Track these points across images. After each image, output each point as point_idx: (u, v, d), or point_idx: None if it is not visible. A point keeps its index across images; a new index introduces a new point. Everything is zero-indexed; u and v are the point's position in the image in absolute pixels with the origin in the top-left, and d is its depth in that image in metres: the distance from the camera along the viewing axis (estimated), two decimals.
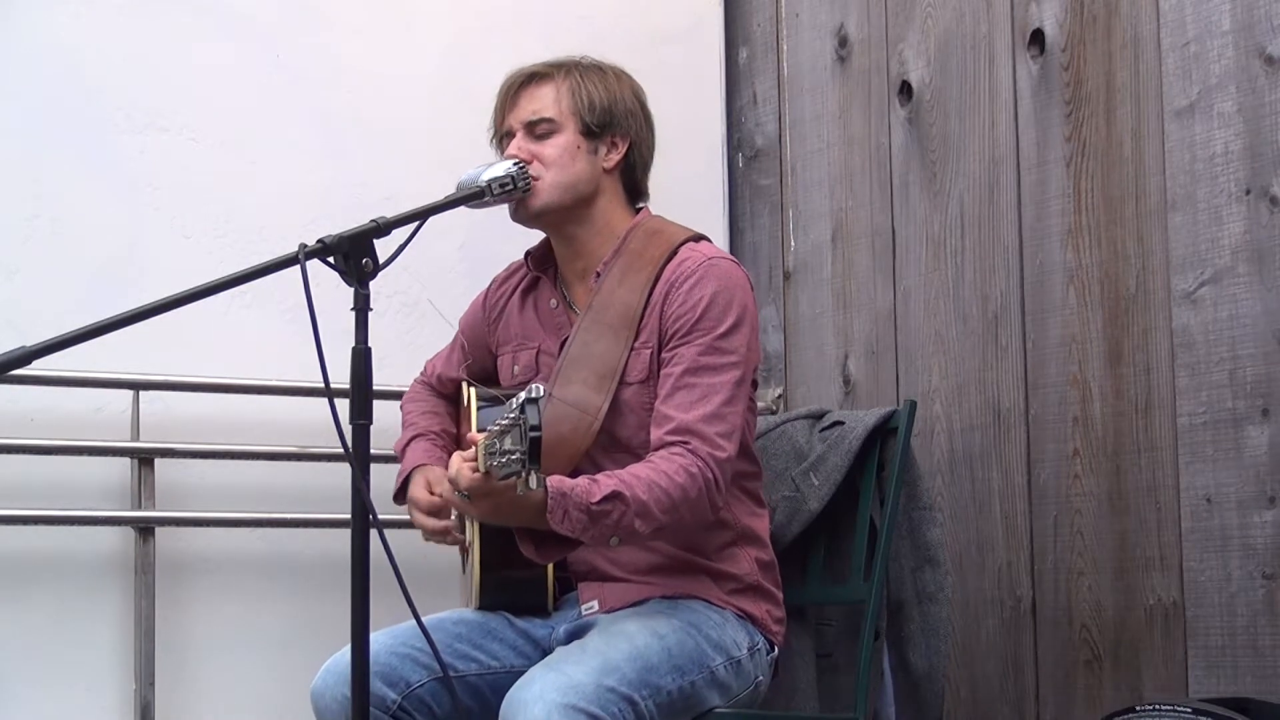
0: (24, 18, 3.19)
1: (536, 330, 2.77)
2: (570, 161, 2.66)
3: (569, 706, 2.29)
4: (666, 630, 2.51)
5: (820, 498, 2.95)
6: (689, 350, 2.56)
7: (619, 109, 2.71)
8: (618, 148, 2.71)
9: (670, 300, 2.61)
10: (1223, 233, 2.92)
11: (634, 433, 2.59)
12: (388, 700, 2.51)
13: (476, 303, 2.93)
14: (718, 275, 2.61)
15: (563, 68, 2.71)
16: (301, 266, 2.12)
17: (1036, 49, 3.25)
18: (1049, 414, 3.18)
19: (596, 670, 2.37)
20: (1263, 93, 2.87)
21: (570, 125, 2.67)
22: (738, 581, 2.65)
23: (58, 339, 2.02)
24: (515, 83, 2.71)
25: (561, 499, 2.35)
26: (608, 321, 2.63)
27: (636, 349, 2.61)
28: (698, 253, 2.65)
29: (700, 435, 2.50)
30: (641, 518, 2.41)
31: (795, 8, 3.81)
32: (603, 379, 2.59)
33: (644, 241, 2.69)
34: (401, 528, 3.18)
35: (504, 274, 2.90)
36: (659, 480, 2.44)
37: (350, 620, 2.14)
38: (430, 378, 2.97)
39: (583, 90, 2.68)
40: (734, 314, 2.59)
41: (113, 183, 3.24)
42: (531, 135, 2.67)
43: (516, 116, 2.69)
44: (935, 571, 2.96)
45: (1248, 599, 2.85)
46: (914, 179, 3.49)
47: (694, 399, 2.53)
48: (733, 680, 2.57)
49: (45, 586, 3.11)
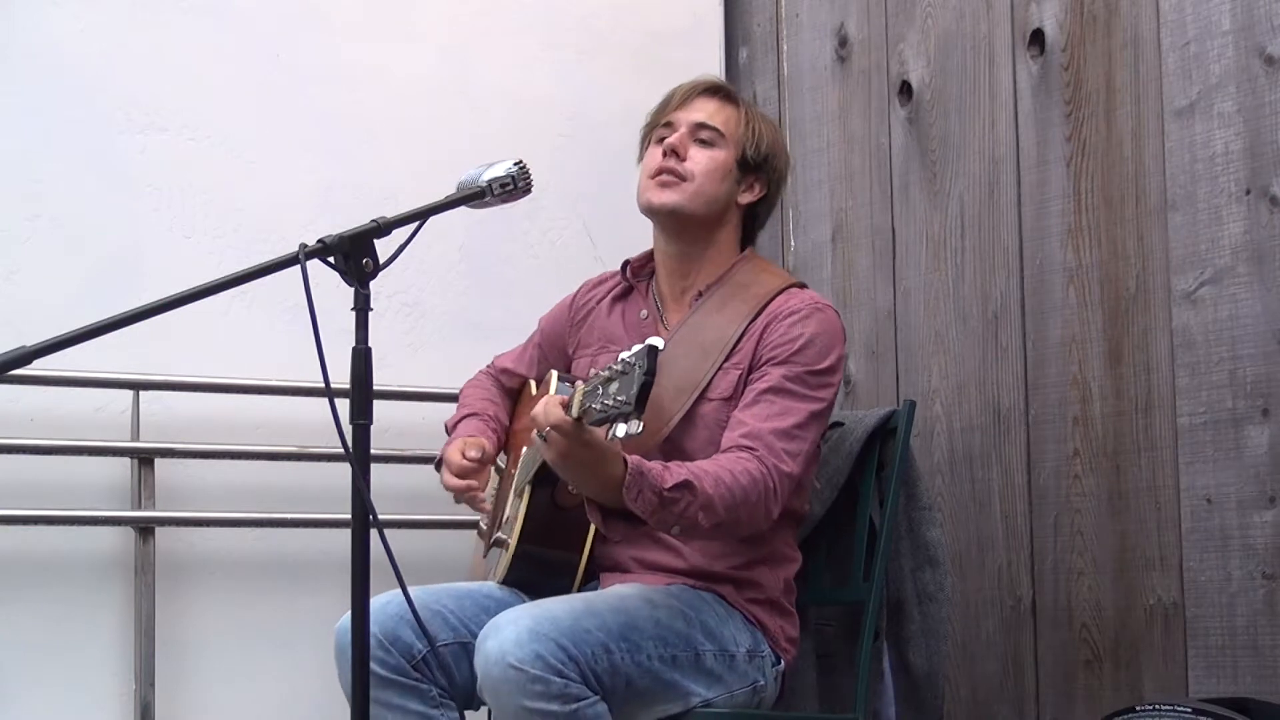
0: (24, 18, 3.19)
1: (621, 336, 2.80)
2: (719, 178, 2.74)
3: (540, 633, 2.32)
4: (661, 602, 2.52)
5: (823, 502, 2.95)
6: (777, 371, 2.61)
7: (775, 160, 2.81)
8: (755, 190, 2.79)
9: (770, 331, 2.66)
10: (1223, 233, 2.92)
11: (701, 447, 2.61)
12: (414, 649, 2.54)
13: (563, 303, 2.97)
14: (822, 320, 2.67)
15: (738, 95, 2.85)
16: (302, 266, 2.12)
17: (1036, 49, 3.25)
18: (1049, 414, 3.18)
19: (577, 612, 2.40)
20: (1263, 93, 2.87)
21: (733, 149, 2.76)
22: (759, 591, 2.66)
23: (58, 339, 2.02)
24: (700, 87, 2.80)
25: (639, 477, 2.36)
26: (699, 341, 2.68)
27: (725, 369, 2.66)
28: (806, 295, 2.73)
29: (769, 445, 2.54)
30: (705, 511, 2.43)
31: (795, 8, 3.81)
32: (681, 391, 2.63)
33: (750, 276, 2.76)
34: (402, 528, 3.19)
35: (595, 280, 2.95)
36: (724, 477, 2.46)
37: (350, 620, 2.14)
38: (495, 370, 3.01)
39: (754, 122, 2.79)
40: (830, 359, 2.65)
41: (113, 183, 3.24)
42: (695, 138, 2.74)
43: (688, 114, 2.76)
44: (935, 571, 2.96)
45: (1248, 599, 2.85)
46: (914, 179, 3.49)
47: (771, 412, 2.57)
48: (725, 673, 2.56)
49: (45, 586, 3.11)
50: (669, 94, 2.82)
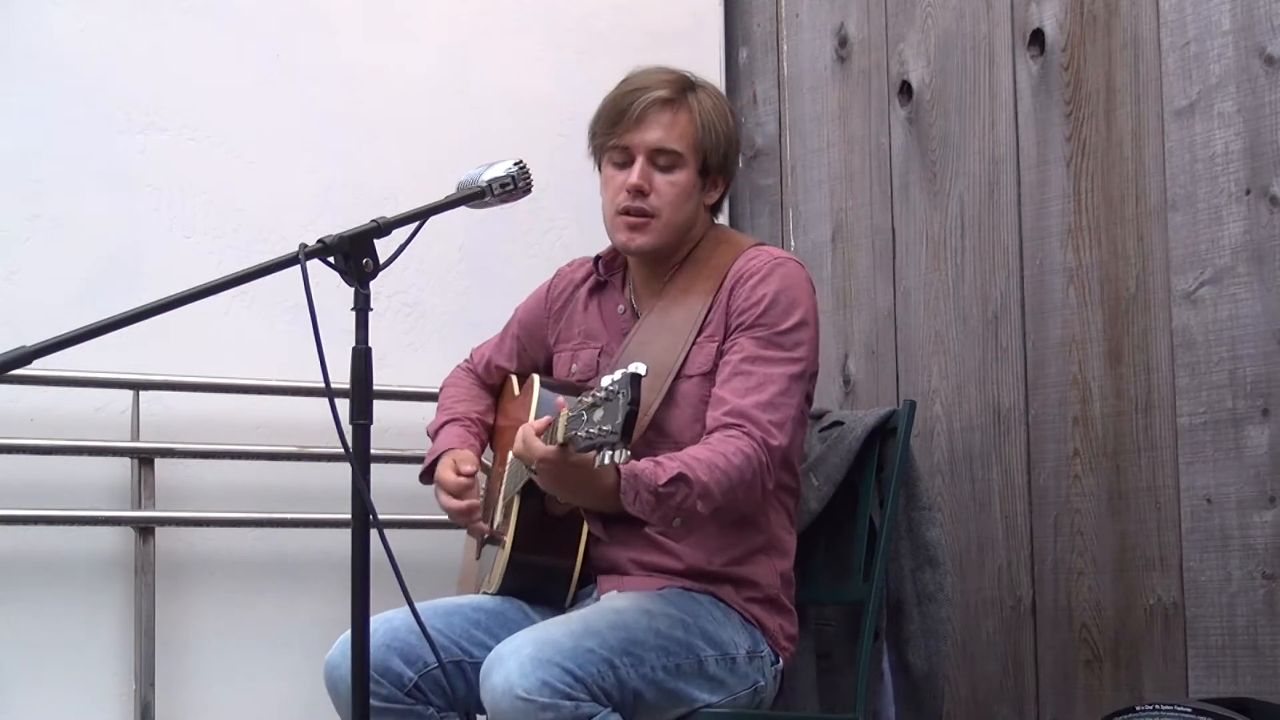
0: (24, 18, 3.19)
1: (600, 331, 2.78)
2: (685, 202, 2.68)
3: (543, 660, 2.31)
4: (658, 612, 2.52)
5: (820, 498, 2.95)
6: (748, 340, 2.60)
7: (732, 150, 2.73)
8: (719, 187, 2.74)
9: (735, 296, 2.64)
10: (1223, 233, 2.92)
11: (685, 426, 2.61)
12: (404, 677, 2.52)
13: (539, 292, 2.93)
14: (784, 275, 2.64)
15: (689, 91, 2.68)
16: (302, 266, 2.12)
17: (1036, 49, 3.25)
18: (1049, 414, 3.18)
19: (576, 633, 2.39)
20: (1263, 93, 2.87)
21: (693, 163, 2.67)
22: (757, 589, 2.65)
23: (58, 339, 2.02)
24: (650, 99, 2.65)
25: (634, 480, 2.36)
26: (669, 325, 2.67)
27: (700, 342, 2.64)
28: (764, 253, 2.69)
29: (754, 420, 2.53)
30: (703, 499, 2.43)
31: (795, 8, 3.81)
32: (657, 376, 2.61)
33: (711, 249, 2.72)
34: (401, 528, 3.18)
35: (570, 268, 2.91)
36: (718, 462, 2.45)
37: (350, 620, 2.14)
38: (477, 365, 2.98)
39: (711, 126, 2.67)
40: (797, 314, 2.62)
41: (113, 183, 3.24)
42: (654, 164, 2.66)
43: (643, 136, 2.65)
44: (935, 571, 2.96)
45: (1248, 599, 2.85)
46: (914, 179, 3.49)
47: (750, 385, 2.56)
48: (727, 677, 2.56)
49: (45, 586, 3.11)
50: (617, 102, 2.67)
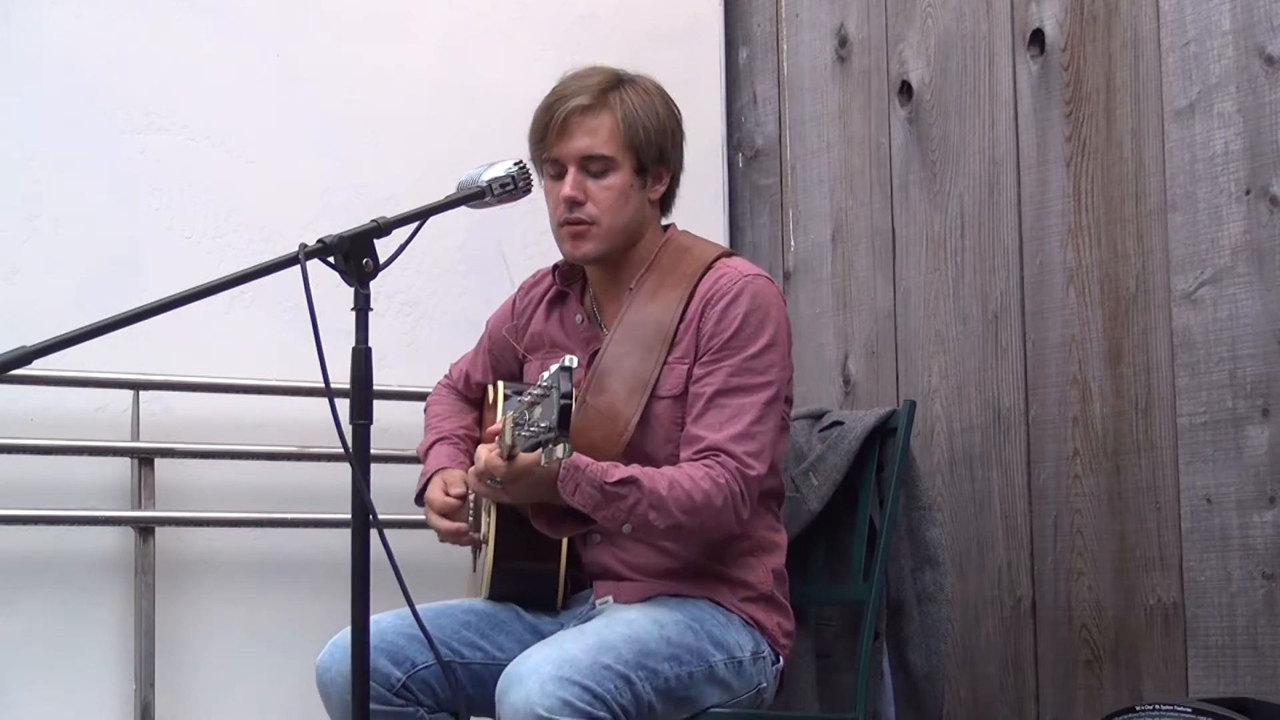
0: (24, 17, 3.19)
1: (565, 341, 2.77)
2: (624, 204, 2.64)
3: (563, 679, 2.30)
4: (668, 620, 2.52)
5: (820, 498, 2.95)
6: (720, 371, 2.58)
7: (667, 141, 2.68)
8: (663, 180, 2.70)
9: (705, 319, 2.61)
10: (1223, 233, 2.92)
11: (660, 447, 2.60)
12: (392, 678, 2.52)
13: (505, 308, 2.92)
14: (753, 294, 2.61)
15: (611, 91, 2.64)
16: (302, 266, 2.12)
17: (1036, 49, 3.25)
18: (1049, 414, 3.18)
19: (593, 648, 2.38)
20: (1263, 93, 2.87)
21: (626, 163, 2.63)
22: (751, 589, 2.65)
23: (58, 339, 2.02)
24: (570, 107, 2.62)
25: (574, 471, 2.38)
26: (640, 336, 2.64)
27: (670, 363, 2.62)
28: (732, 269, 2.65)
29: (730, 453, 2.52)
30: (657, 510, 2.43)
31: (795, 8, 3.81)
32: (634, 392, 2.60)
33: (675, 257, 2.69)
34: (401, 528, 3.18)
35: (532, 280, 2.89)
36: (681, 480, 2.47)
37: (350, 620, 2.14)
38: (455, 381, 2.97)
39: (637, 123, 2.62)
40: (767, 335, 2.60)
41: (113, 183, 3.24)
42: (586, 171, 2.63)
43: (569, 149, 2.63)
44: (935, 571, 2.96)
45: (1248, 599, 2.85)
46: (914, 179, 3.49)
47: (724, 419, 2.55)
48: (734, 680, 2.57)
49: (45, 586, 3.11)
50: (542, 114, 2.64)
